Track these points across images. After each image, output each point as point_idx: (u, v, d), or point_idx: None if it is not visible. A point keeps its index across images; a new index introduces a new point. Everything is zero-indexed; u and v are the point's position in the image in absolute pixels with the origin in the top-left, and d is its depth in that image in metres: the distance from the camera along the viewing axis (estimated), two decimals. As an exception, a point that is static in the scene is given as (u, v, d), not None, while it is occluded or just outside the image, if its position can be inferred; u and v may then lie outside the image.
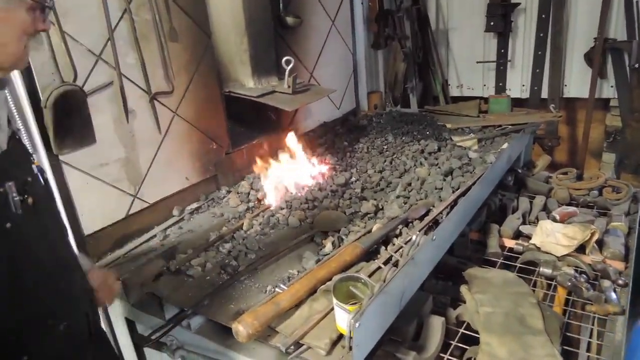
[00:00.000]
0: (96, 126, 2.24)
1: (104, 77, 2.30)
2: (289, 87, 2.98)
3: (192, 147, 2.84)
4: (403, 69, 4.52)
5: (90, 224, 2.33)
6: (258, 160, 3.09)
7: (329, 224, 2.46)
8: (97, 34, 2.25)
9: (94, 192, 2.33)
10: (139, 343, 2.36)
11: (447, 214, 2.27)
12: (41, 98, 2.06)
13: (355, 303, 1.56)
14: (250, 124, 3.37)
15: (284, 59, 2.93)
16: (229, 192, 3.02)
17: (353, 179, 3.03)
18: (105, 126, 2.33)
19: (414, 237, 1.89)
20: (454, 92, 5.20)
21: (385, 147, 3.45)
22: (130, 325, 2.33)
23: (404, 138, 3.51)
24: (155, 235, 2.59)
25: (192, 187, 2.88)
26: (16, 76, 1.97)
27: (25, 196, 1.10)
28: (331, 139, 3.68)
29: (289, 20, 3.34)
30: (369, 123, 3.98)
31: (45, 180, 1.26)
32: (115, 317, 2.31)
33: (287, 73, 2.96)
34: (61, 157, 2.17)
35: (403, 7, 4.61)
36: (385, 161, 3.19)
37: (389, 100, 4.65)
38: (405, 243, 2.03)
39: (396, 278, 1.64)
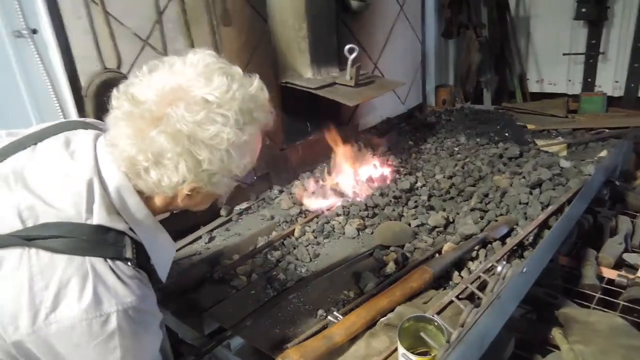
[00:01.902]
0: (140, 118, 2.06)
1: (150, 64, 2.10)
2: (351, 78, 2.67)
3: (243, 142, 2.60)
4: (478, 60, 4.07)
5: (131, 223, 2.16)
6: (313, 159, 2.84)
7: (391, 238, 2.15)
8: (144, 17, 2.05)
9: (136, 189, 2.15)
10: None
11: (536, 236, 1.90)
12: (82, 86, 1.89)
13: (425, 353, 1.26)
14: (306, 118, 3.09)
15: (347, 47, 2.63)
16: (281, 192, 2.78)
17: (419, 184, 2.69)
18: (150, 118, 2.14)
19: (499, 268, 1.55)
20: (532, 87, 4.67)
21: (457, 149, 3.07)
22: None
23: (478, 140, 3.11)
24: (200, 237, 2.40)
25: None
26: (55, 59, 1.81)
27: None
28: (395, 137, 3.34)
29: (354, 3, 3.02)
30: (438, 121, 3.60)
31: None
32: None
33: (349, 63, 2.66)
34: (102, 151, 2.00)
35: (480, -9, 4.16)
36: (456, 165, 2.83)
37: (460, 95, 4.23)
38: (486, 272, 1.68)
39: (478, 323, 1.31)
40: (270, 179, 2.82)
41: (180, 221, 2.36)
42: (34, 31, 1.73)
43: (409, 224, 2.27)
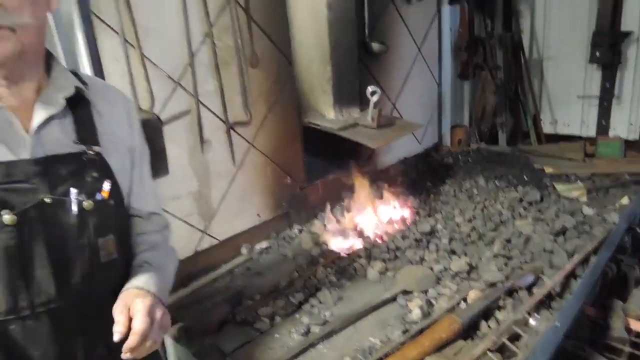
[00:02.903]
0: (170, 156, 2.09)
1: (181, 105, 2.15)
2: (373, 120, 2.71)
3: (266, 181, 2.63)
4: (493, 101, 4.12)
5: (155, 261, 2.16)
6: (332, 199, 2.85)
7: (414, 283, 2.14)
8: (178, 60, 2.11)
9: (162, 227, 2.17)
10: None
11: (564, 286, 1.88)
12: (116, 126, 1.93)
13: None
14: (326, 157, 3.13)
15: (370, 89, 2.68)
16: (300, 231, 2.78)
17: (439, 226, 2.69)
18: (179, 157, 2.17)
19: (531, 321, 1.53)
20: (547, 128, 4.69)
21: (476, 191, 3.08)
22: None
23: (497, 182, 3.13)
24: (222, 276, 2.39)
25: (263, 224, 2.67)
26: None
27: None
28: (413, 177, 3.37)
29: (375, 46, 3.10)
30: (455, 162, 3.62)
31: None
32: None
33: (371, 105, 2.70)
34: (131, 190, 2.02)
35: (495, 34, 4.24)
36: (475, 208, 2.83)
37: (475, 135, 4.26)
38: (516, 323, 1.66)
39: (516, 381, 1.29)
40: (290, 217, 2.82)
41: (201, 260, 2.38)
42: (74, 73, 1.77)
43: (432, 269, 2.26)
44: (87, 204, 0.97)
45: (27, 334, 0.96)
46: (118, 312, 0.95)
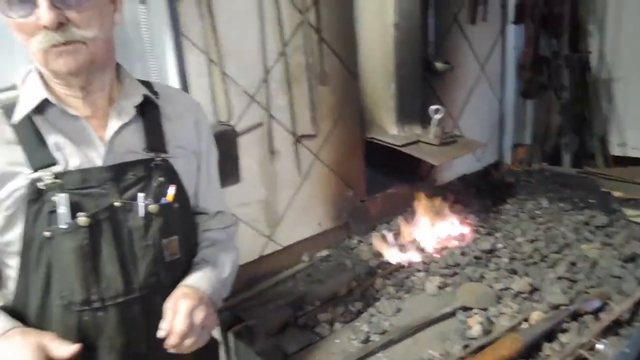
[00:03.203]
0: (242, 166, 2.24)
1: (254, 118, 2.30)
2: (435, 137, 2.75)
3: (328, 192, 2.73)
4: (558, 122, 4.04)
5: (224, 264, 2.30)
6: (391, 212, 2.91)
7: (474, 300, 2.14)
8: (254, 76, 2.26)
9: (233, 231, 2.31)
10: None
11: (633, 313, 1.84)
12: (197, 136, 2.09)
13: None
14: (386, 171, 3.19)
15: (434, 107, 2.73)
16: (360, 242, 2.85)
17: (499, 245, 2.67)
18: (250, 166, 2.32)
19: (599, 346, 1.52)
20: (614, 150, 4.53)
21: (538, 212, 3.03)
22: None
23: (561, 204, 3.06)
24: (284, 280, 2.50)
25: (324, 234, 2.76)
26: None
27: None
28: (472, 195, 3.35)
29: (439, 66, 3.14)
30: (517, 181, 3.57)
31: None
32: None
33: (434, 122, 2.75)
34: (207, 195, 2.17)
35: (562, 54, 4.17)
36: (538, 229, 2.79)
37: (537, 155, 4.18)
38: (582, 347, 1.65)
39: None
40: (350, 228, 2.90)
41: (265, 264, 2.49)
42: (164, 88, 1.95)
43: (492, 287, 2.26)
44: (153, 207, 1.06)
45: (98, 325, 1.05)
46: (166, 308, 1.04)
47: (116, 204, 1.03)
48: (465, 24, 3.37)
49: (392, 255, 2.66)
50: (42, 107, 1.00)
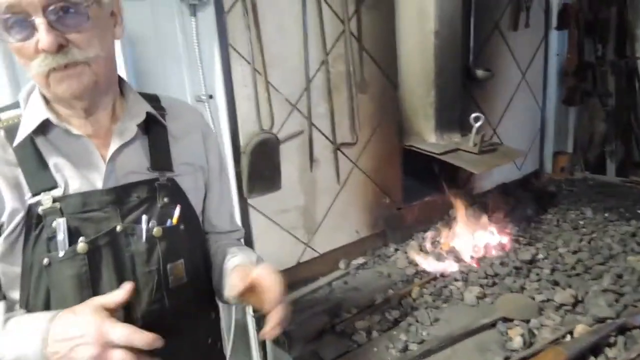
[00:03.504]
0: (283, 173, 2.28)
1: (295, 126, 2.35)
2: (475, 145, 2.73)
3: (365, 199, 2.75)
4: (603, 129, 3.92)
5: (264, 268, 2.35)
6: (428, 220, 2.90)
7: (515, 311, 2.11)
8: (296, 85, 2.31)
9: (272, 236, 2.36)
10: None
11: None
12: (241, 144, 2.16)
13: None
14: (424, 179, 3.18)
15: (473, 115, 2.71)
16: (396, 250, 2.85)
17: (540, 256, 2.62)
18: (290, 173, 2.36)
19: (649, 362, 1.47)
20: (662, 159, 4.36)
21: (582, 222, 2.95)
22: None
23: (606, 215, 2.97)
24: (321, 287, 2.53)
25: (360, 241, 2.78)
26: (224, 120, 2.10)
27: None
28: (512, 204, 3.29)
29: (479, 73, 3.12)
30: (558, 190, 3.49)
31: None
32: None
33: (474, 130, 2.72)
34: (249, 200, 2.23)
35: (607, 59, 4.05)
36: (581, 240, 2.72)
37: (580, 163, 4.06)
38: (630, 363, 1.61)
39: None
40: (386, 236, 2.91)
41: (302, 271, 2.53)
42: (210, 96, 2.03)
43: (533, 298, 2.22)
44: (157, 230, 1.00)
45: None
46: (266, 287, 1.02)
47: (118, 228, 0.98)
48: (506, 30, 3.33)
49: (429, 264, 2.65)
50: (44, 127, 0.96)
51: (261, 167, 2.17)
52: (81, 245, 0.93)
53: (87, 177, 0.97)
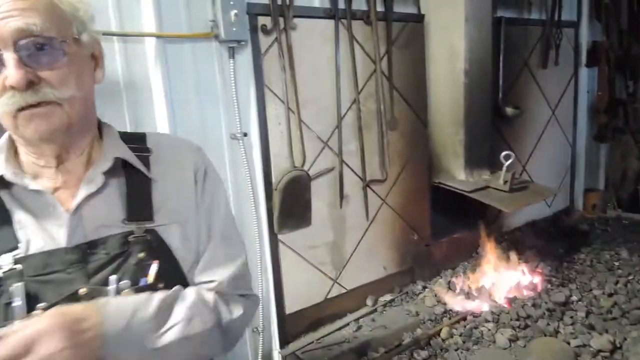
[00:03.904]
0: (313, 209, 2.30)
1: (326, 163, 2.38)
2: (505, 183, 2.71)
3: (394, 236, 2.74)
4: (636, 166, 3.85)
5: (292, 304, 2.35)
6: (457, 258, 2.86)
7: (550, 356, 2.06)
8: (328, 123, 2.36)
9: (301, 272, 2.37)
10: None
11: None
12: (273, 180, 2.19)
13: None
14: (452, 216, 3.16)
15: (504, 153, 2.69)
16: (424, 288, 2.81)
17: (574, 298, 2.55)
18: (320, 209, 2.38)
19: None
20: (699, 198, 4.23)
21: (617, 263, 2.88)
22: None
23: (643, 256, 2.90)
24: (348, 324, 2.51)
25: (388, 278, 2.76)
26: (257, 157, 2.15)
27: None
28: (542, 242, 3.24)
29: (509, 111, 3.13)
30: (591, 229, 3.41)
31: None
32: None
33: (504, 168, 2.70)
34: (279, 237, 2.26)
35: (639, 96, 4.00)
36: (617, 282, 2.64)
37: (612, 201, 3.98)
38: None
39: None
40: (414, 273, 2.88)
41: (330, 307, 2.52)
42: (245, 134, 2.08)
43: (568, 343, 2.16)
44: (126, 292, 0.85)
45: None
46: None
47: (81, 291, 0.83)
48: (536, 68, 3.35)
49: (458, 303, 2.61)
50: (5, 181, 0.86)
51: (292, 204, 2.20)
52: (37, 313, 0.80)
53: (51, 235, 0.85)
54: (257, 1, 2.03)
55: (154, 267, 0.88)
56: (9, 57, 0.76)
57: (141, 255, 0.88)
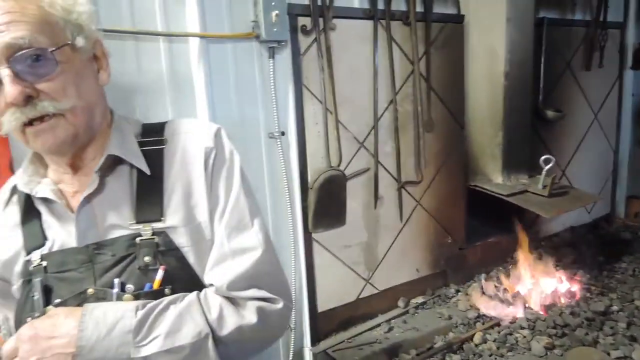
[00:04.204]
0: (348, 209, 2.31)
1: (362, 164, 2.38)
2: (544, 187, 2.65)
3: (427, 238, 2.72)
4: (682, 174, 3.70)
5: (324, 302, 2.37)
6: (492, 263, 2.81)
7: (588, 367, 2.00)
8: (364, 124, 2.36)
9: (334, 271, 2.38)
10: None
11: None
12: (309, 179, 2.21)
13: None
14: (487, 220, 3.11)
15: (544, 157, 2.64)
16: (457, 291, 2.78)
17: (615, 307, 2.48)
18: (354, 210, 2.39)
19: None
20: None
21: (661, 274, 2.77)
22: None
23: (689, 267, 2.78)
24: (379, 325, 2.51)
25: (420, 280, 2.74)
26: (293, 156, 2.17)
27: None
28: (581, 249, 3.14)
29: (549, 114, 3.05)
30: (633, 237, 3.30)
31: None
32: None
33: (544, 172, 2.65)
34: (314, 235, 2.27)
35: (688, 100, 3.84)
36: (661, 293, 2.55)
37: (657, 209, 3.83)
38: None
39: None
40: (447, 276, 2.85)
41: (361, 307, 2.52)
42: (283, 133, 2.11)
43: (608, 354, 2.10)
44: (127, 297, 0.83)
45: None
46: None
47: (89, 291, 0.85)
48: (578, 70, 3.26)
49: (492, 308, 2.56)
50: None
51: (327, 203, 2.22)
52: (50, 307, 0.84)
53: (68, 234, 0.88)
54: (297, 2, 2.05)
55: (159, 273, 0.85)
56: (4, 73, 0.75)
57: (147, 259, 0.85)
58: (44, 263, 0.87)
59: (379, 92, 2.35)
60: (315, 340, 2.34)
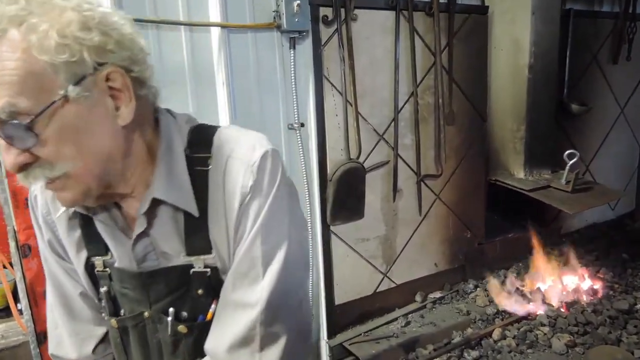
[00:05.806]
0: (366, 202, 2.30)
1: (381, 156, 2.36)
2: (567, 183, 2.59)
3: (446, 232, 2.69)
4: None
5: (341, 295, 2.36)
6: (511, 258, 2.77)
7: (611, 366, 1.97)
8: (384, 116, 2.34)
9: (352, 264, 2.37)
10: None
11: None
12: (328, 171, 2.20)
13: None
14: (507, 215, 3.07)
15: (567, 152, 2.58)
16: (476, 287, 2.75)
17: (639, 306, 2.42)
18: (373, 203, 2.37)
19: None
20: None
21: (689, 274, 2.70)
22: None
23: None
24: (396, 319, 2.50)
25: (439, 275, 2.72)
26: (312, 148, 2.15)
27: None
28: (604, 247, 3.08)
29: (574, 107, 2.98)
30: (660, 235, 3.22)
31: None
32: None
33: (567, 168, 2.59)
34: (332, 228, 2.27)
35: None
36: (688, 293, 2.48)
37: (684, 207, 3.73)
38: None
39: None
40: (466, 271, 2.82)
41: (379, 300, 2.51)
42: (302, 124, 2.10)
43: (632, 353, 2.05)
44: (182, 327, 0.85)
45: None
46: None
47: (146, 314, 0.88)
48: (605, 63, 3.17)
49: (513, 305, 2.53)
50: None
51: (346, 196, 2.20)
52: (112, 321, 0.91)
53: (127, 256, 0.86)
54: (319, -8, 2.03)
55: (212, 307, 0.85)
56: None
57: (200, 291, 0.85)
58: (108, 270, 0.89)
59: (399, 84, 2.32)
60: (331, 333, 2.34)
